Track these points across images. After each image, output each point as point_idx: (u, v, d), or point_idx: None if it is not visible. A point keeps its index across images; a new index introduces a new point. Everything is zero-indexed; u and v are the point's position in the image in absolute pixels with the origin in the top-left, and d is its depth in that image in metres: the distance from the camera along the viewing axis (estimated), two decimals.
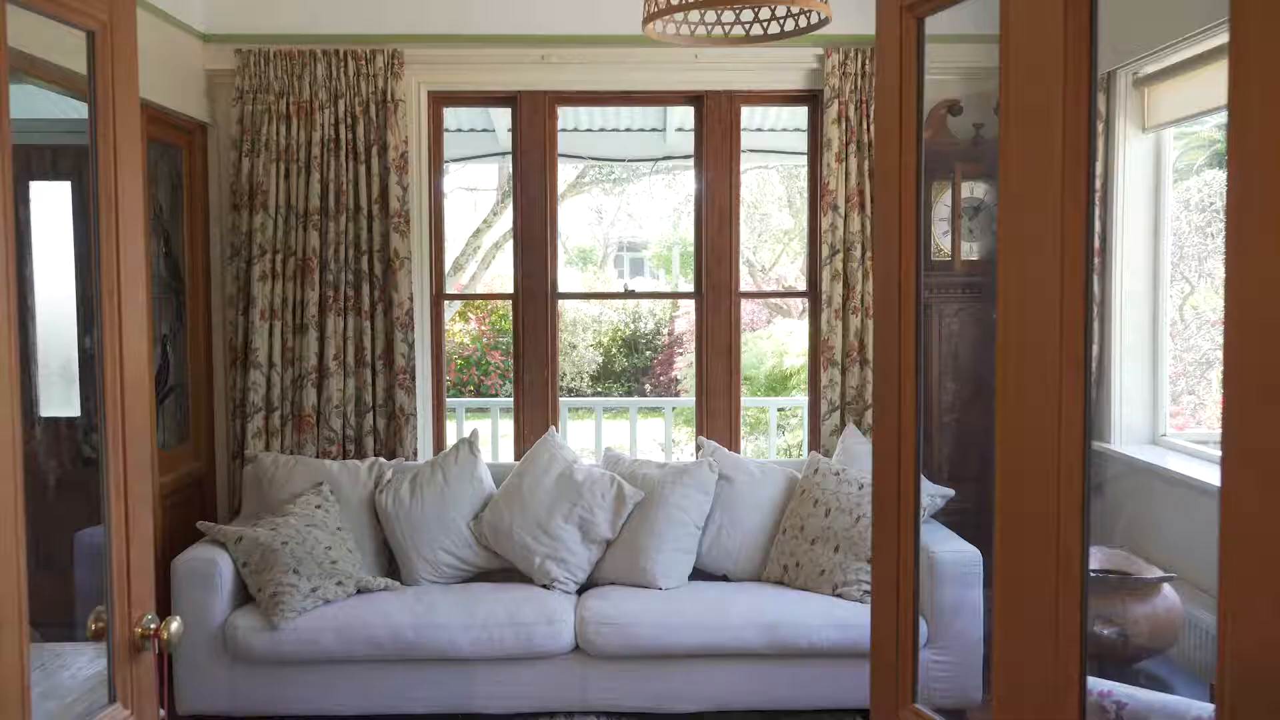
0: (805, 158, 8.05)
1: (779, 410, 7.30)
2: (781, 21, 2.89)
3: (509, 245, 12.01)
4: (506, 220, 11.23)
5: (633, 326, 12.90)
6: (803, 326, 10.97)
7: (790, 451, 8.75)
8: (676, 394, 11.67)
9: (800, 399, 8.38)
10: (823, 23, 2.75)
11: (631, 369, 12.82)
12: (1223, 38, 3.28)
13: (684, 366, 11.87)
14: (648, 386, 12.63)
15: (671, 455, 6.71)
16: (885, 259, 1.60)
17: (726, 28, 2.94)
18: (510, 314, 11.54)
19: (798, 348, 10.00)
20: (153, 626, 1.67)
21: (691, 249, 14.92)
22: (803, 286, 12.23)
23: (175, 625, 1.67)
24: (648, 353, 12.90)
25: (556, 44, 4.48)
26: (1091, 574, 2.50)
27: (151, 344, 4.10)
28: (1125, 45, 3.67)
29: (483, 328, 12.23)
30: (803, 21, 2.87)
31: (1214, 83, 3.58)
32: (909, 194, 1.56)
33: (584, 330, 12.50)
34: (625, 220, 13.99)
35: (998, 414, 1.36)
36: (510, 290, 4.80)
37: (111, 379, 1.61)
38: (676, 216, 13.29)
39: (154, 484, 3.92)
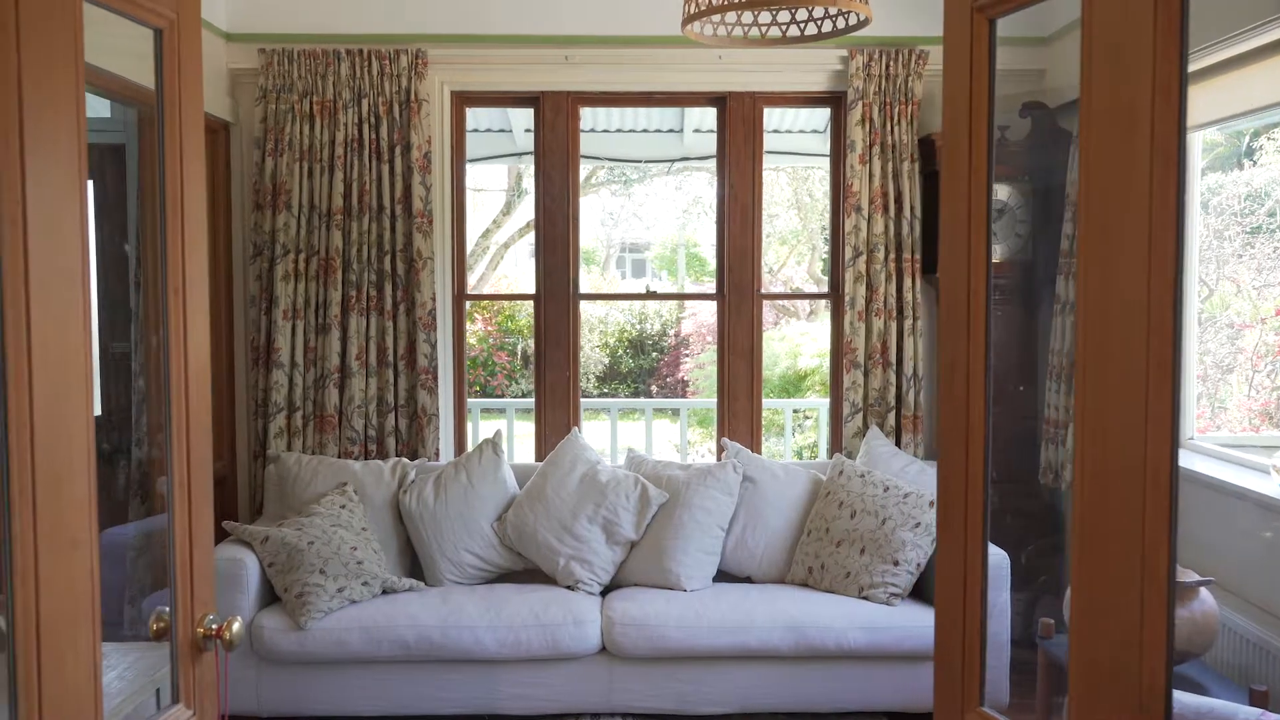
0: (815, 159, 8.09)
1: (793, 411, 7.29)
2: (819, 23, 2.89)
3: (517, 246, 12.02)
4: (515, 221, 11.21)
5: (639, 328, 12.89)
6: (813, 328, 10.96)
7: (802, 453, 8.74)
8: (683, 395, 11.65)
9: (816, 400, 8.39)
10: (862, 24, 2.75)
11: (638, 370, 12.81)
12: (1254, 42, 3.27)
13: (691, 368, 11.85)
14: (654, 388, 12.62)
15: (686, 456, 6.71)
16: (952, 264, 1.60)
17: (763, 29, 2.94)
18: (518, 315, 11.48)
19: (810, 349, 9.99)
20: (214, 626, 1.66)
21: (697, 250, 14.70)
22: (810, 288, 12.20)
23: (237, 625, 1.66)
24: (654, 354, 12.89)
25: (579, 44, 4.48)
26: None
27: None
28: None
29: (489, 328, 12.22)
30: (840, 23, 2.87)
31: (1243, 86, 3.57)
32: (979, 197, 1.55)
33: (590, 331, 12.49)
34: (630, 221, 13.98)
35: (1076, 416, 1.36)
36: (526, 290, 4.80)
37: (177, 378, 1.61)
38: (686, 218, 13.27)
39: None
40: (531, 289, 4.70)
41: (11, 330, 1.24)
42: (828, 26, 2.89)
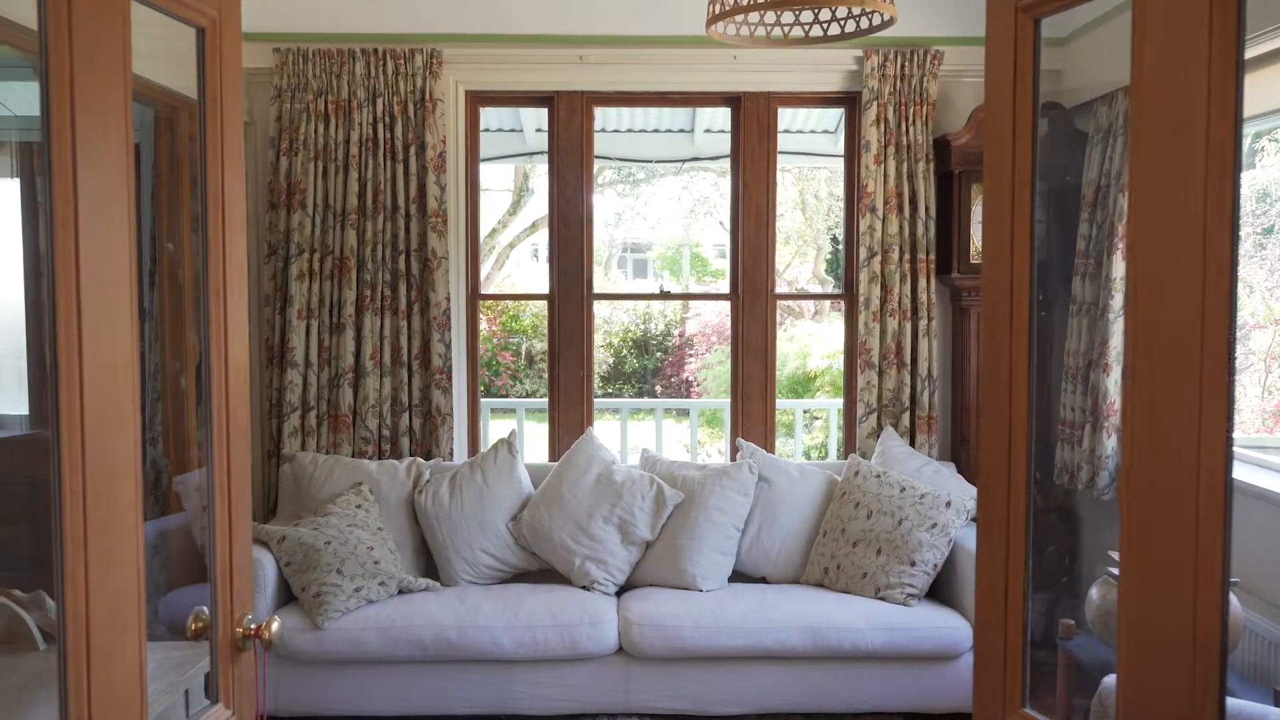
0: (821, 159, 8.08)
1: (803, 412, 7.28)
2: (842, 23, 2.89)
3: (523, 245, 11.99)
4: (521, 221, 11.20)
5: (643, 328, 12.88)
6: (820, 329, 10.95)
7: (810, 454, 8.74)
8: (688, 395, 11.64)
9: (827, 401, 8.38)
10: (887, 24, 2.75)
11: (642, 370, 12.80)
12: (1258, 49, 3.26)
13: (697, 368, 11.85)
14: (658, 388, 12.61)
15: (697, 456, 6.71)
16: (995, 265, 1.60)
17: (785, 29, 2.94)
18: (522, 315, 11.46)
19: (820, 350, 9.98)
20: (253, 626, 1.66)
21: (699, 250, 14.62)
22: (815, 289, 12.16)
23: (276, 625, 1.66)
24: (658, 354, 12.88)
25: (594, 44, 4.47)
26: None
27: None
28: None
29: (494, 328, 12.22)
30: (864, 23, 2.87)
31: (1247, 91, 3.57)
32: (1023, 198, 1.55)
33: (594, 330, 12.44)
34: (635, 220, 13.96)
35: (1126, 419, 1.36)
36: (531, 289, 4.80)
37: (218, 378, 1.60)
38: (692, 218, 13.25)
39: None
40: (537, 288, 4.71)
41: (64, 333, 1.24)
42: (851, 26, 2.89)
